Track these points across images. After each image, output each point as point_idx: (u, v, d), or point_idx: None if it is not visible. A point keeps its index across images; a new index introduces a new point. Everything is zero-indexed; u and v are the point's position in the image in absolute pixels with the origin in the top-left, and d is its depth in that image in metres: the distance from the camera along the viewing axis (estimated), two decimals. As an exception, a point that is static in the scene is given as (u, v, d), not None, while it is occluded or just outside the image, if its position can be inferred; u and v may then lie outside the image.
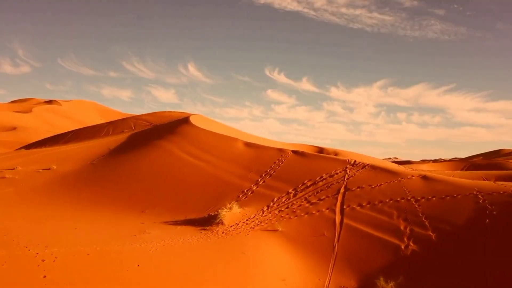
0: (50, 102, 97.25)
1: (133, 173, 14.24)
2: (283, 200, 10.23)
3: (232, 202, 10.17)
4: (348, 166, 11.74)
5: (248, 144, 15.30)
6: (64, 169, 17.06)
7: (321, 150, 34.26)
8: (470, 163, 45.80)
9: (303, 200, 10.01)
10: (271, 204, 10.14)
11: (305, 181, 11.09)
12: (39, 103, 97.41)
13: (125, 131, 26.82)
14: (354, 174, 11.03)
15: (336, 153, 32.42)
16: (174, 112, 28.95)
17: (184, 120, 20.65)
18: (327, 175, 11.23)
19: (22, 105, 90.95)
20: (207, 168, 13.48)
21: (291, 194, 10.48)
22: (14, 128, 56.89)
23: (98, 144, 21.41)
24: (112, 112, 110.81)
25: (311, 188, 10.64)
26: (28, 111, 74.50)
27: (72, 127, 74.82)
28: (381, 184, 10.10)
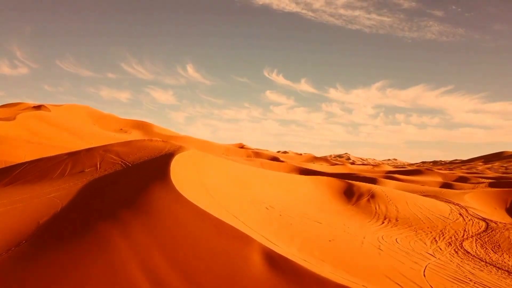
0: (38, 107, 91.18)
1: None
2: None
3: None
4: None
5: (271, 258, 7.60)
6: None
7: (350, 186, 26.49)
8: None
9: None
10: None
11: None
12: (27, 108, 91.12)
13: (86, 170, 19.21)
14: None
15: (372, 194, 24.57)
16: (156, 141, 21.28)
17: (162, 173, 12.91)
18: None
19: (10, 110, 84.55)
20: None
21: None
22: (-7, 139, 49.78)
23: (27, 209, 13.75)
24: (105, 117, 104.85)
25: None
26: (12, 118, 67.45)
27: (58, 135, 68.07)
28: None
